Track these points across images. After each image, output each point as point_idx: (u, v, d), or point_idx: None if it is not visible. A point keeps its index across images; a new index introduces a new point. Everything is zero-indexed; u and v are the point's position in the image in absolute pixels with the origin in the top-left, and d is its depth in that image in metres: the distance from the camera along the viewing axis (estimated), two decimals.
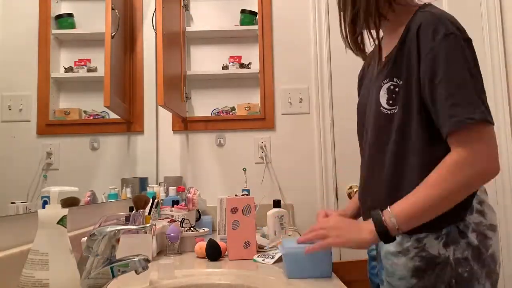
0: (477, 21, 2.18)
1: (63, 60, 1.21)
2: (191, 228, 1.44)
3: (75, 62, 1.32)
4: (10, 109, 0.93)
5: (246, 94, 2.15)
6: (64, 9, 1.22)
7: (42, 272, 0.62)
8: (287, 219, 1.53)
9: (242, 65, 2.12)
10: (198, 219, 1.81)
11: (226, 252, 1.23)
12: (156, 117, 2.10)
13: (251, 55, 2.14)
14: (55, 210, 0.66)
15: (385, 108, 0.94)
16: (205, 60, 2.16)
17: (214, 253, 1.20)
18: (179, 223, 1.40)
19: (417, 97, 0.90)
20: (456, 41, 0.85)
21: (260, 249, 1.31)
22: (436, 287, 0.87)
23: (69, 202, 1.17)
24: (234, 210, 1.23)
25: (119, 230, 0.76)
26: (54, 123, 1.15)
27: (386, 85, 0.94)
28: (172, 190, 1.81)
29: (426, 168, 0.87)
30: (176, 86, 1.88)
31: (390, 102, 0.93)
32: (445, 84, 0.84)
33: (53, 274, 0.62)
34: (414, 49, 0.90)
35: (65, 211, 0.66)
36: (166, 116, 2.08)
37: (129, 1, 1.84)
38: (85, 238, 0.76)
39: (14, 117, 0.94)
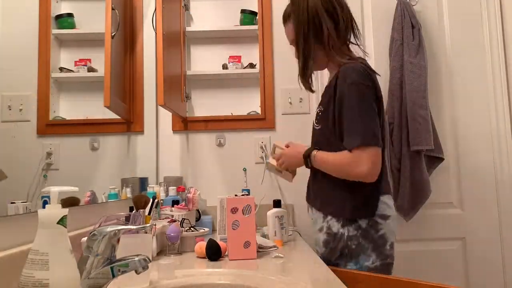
0: (477, 21, 2.18)
1: (63, 60, 1.21)
2: (191, 228, 1.44)
3: (75, 62, 1.32)
4: (10, 109, 0.92)
5: (246, 94, 2.15)
6: (64, 9, 1.22)
7: (42, 272, 0.62)
8: (287, 219, 1.53)
9: (251, 65, 2.12)
10: (198, 219, 1.81)
11: (226, 252, 1.23)
12: (156, 117, 2.10)
13: (251, 55, 2.14)
14: (55, 210, 0.66)
15: (315, 125, 1.42)
16: (205, 60, 2.16)
17: (214, 253, 1.20)
18: (179, 223, 1.40)
19: (332, 119, 1.32)
20: (356, 89, 1.26)
21: (260, 249, 1.31)
22: (335, 253, 1.31)
23: (69, 202, 1.17)
24: (234, 210, 1.23)
25: (119, 230, 0.76)
26: (54, 123, 1.15)
27: (316, 110, 1.44)
28: (172, 190, 1.81)
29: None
30: (176, 86, 1.88)
31: (316, 121, 1.41)
32: (345, 118, 1.27)
33: (53, 274, 0.62)
34: (332, 92, 1.33)
35: (65, 211, 0.66)
36: (166, 116, 2.08)
37: (129, 1, 1.84)
38: (85, 238, 0.76)
39: (14, 117, 0.94)
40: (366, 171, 1.23)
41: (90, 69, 1.39)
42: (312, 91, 1.48)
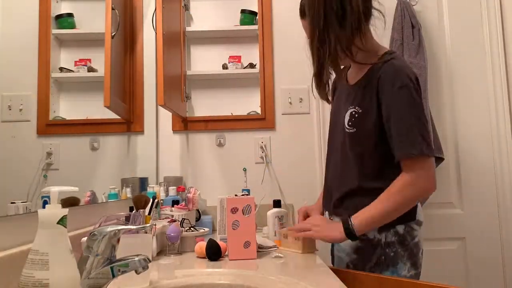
0: (477, 21, 2.17)
1: (63, 60, 1.21)
2: (191, 228, 1.44)
3: (75, 62, 1.32)
4: (10, 109, 0.93)
5: (246, 94, 2.15)
6: (64, 9, 1.22)
7: (42, 272, 0.62)
8: (287, 219, 1.53)
9: (251, 65, 2.12)
10: (198, 219, 1.81)
11: (226, 252, 1.23)
12: (156, 117, 2.10)
13: (251, 55, 2.14)
14: (55, 210, 0.66)
15: (347, 128, 1.23)
16: (205, 60, 2.16)
17: (214, 253, 1.20)
18: (179, 223, 1.40)
19: (371, 125, 1.18)
20: (408, 93, 1.13)
21: (260, 249, 1.31)
22: (369, 260, 1.19)
23: (70, 202, 1.17)
24: (234, 210, 1.22)
25: (119, 230, 0.76)
26: (54, 123, 1.15)
27: (350, 110, 1.23)
28: (172, 190, 1.81)
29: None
30: (176, 86, 1.88)
31: (350, 123, 1.23)
32: (397, 125, 1.13)
33: (53, 274, 0.62)
34: (374, 93, 1.18)
35: (65, 211, 0.66)
36: (166, 116, 2.08)
37: (129, 1, 1.84)
38: (85, 238, 0.76)
39: (14, 117, 0.94)
40: (427, 186, 1.13)
41: (90, 69, 1.39)
42: (329, 102, 1.33)
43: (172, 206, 1.63)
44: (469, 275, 2.06)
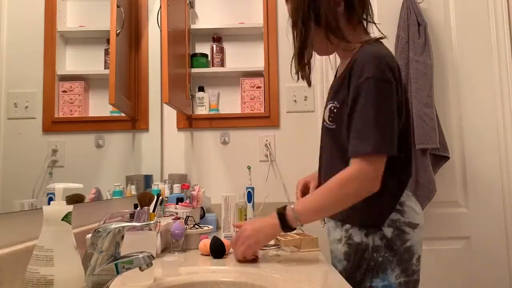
0: (484, 20, 2.16)
1: (68, 57, 1.22)
2: (195, 226, 1.44)
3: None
4: (16, 107, 0.93)
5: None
6: (69, 6, 1.22)
7: (47, 268, 0.63)
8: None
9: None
10: (202, 216, 1.82)
11: (231, 250, 1.23)
12: (161, 114, 2.11)
13: (256, 54, 2.14)
14: (60, 207, 0.66)
15: (328, 123, 1.17)
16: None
17: (218, 250, 1.20)
18: (183, 220, 1.40)
19: (347, 119, 1.10)
20: (374, 85, 1.04)
21: (265, 247, 1.31)
22: (360, 267, 1.11)
23: (75, 199, 1.17)
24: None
25: (123, 227, 0.76)
26: (60, 120, 1.16)
27: (329, 106, 1.17)
28: (176, 188, 1.81)
29: None
30: (181, 84, 1.88)
31: (330, 119, 1.17)
32: (355, 119, 1.06)
33: (57, 270, 0.63)
34: (346, 84, 1.11)
35: (70, 208, 0.67)
36: (170, 114, 2.09)
37: None
38: (90, 235, 0.77)
39: (20, 115, 0.95)
40: (371, 184, 1.05)
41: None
42: (310, 84, 1.25)
43: (177, 203, 1.63)
44: (474, 275, 2.05)
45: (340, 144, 1.13)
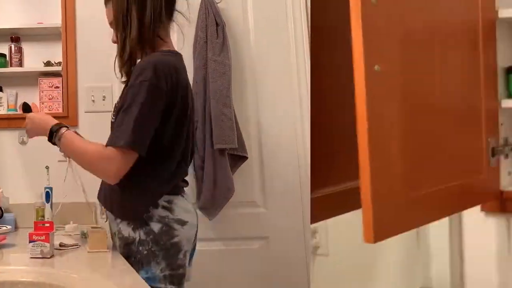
0: (282, 17, 2.15)
1: None
2: None
3: None
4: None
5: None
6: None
7: None
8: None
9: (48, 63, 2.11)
10: (0, 216, 1.82)
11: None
12: None
13: (55, 53, 2.13)
14: None
15: (112, 117, 1.33)
16: None
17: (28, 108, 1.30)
18: None
19: None
20: (144, 88, 1.14)
21: (62, 247, 1.35)
22: (129, 258, 1.19)
23: None
24: None
25: None
26: None
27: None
28: None
29: None
30: None
31: (113, 113, 1.31)
32: (121, 114, 1.16)
33: None
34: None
35: None
36: None
37: None
38: None
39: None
40: (116, 172, 1.15)
41: None
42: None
43: None
44: (272, 275, 2.05)
45: None
